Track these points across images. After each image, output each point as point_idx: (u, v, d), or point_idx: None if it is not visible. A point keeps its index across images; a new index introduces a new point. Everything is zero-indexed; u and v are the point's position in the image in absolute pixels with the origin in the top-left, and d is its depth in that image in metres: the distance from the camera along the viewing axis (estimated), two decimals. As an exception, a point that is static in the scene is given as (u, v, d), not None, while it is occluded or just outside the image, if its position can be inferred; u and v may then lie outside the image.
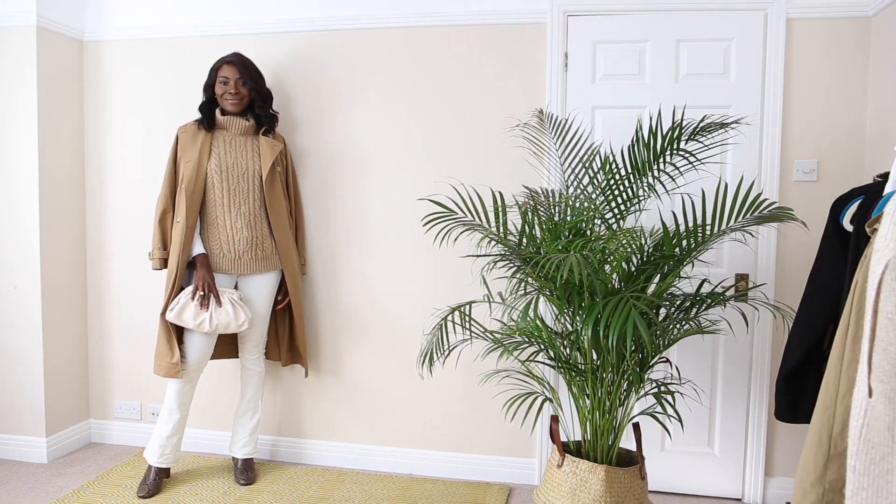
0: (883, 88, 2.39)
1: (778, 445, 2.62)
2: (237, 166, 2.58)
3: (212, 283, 2.51)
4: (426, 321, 2.84)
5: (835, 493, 1.46)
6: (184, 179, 2.53)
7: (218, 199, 2.56)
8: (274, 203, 2.64)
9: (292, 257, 2.71)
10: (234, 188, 2.57)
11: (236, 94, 2.56)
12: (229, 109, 2.59)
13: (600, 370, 2.05)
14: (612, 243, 1.87)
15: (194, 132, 2.60)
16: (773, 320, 2.59)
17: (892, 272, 0.78)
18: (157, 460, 2.59)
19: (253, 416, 2.77)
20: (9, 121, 2.85)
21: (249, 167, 2.60)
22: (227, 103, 2.58)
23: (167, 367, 2.50)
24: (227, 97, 2.56)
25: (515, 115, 2.71)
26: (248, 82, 2.58)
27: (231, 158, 2.58)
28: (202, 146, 2.56)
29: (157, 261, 2.61)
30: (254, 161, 2.61)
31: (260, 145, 2.63)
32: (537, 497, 2.13)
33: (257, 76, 2.63)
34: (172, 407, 2.57)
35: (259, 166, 2.61)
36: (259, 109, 2.62)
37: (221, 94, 2.57)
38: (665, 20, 2.59)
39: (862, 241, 1.77)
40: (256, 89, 2.60)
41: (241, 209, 2.58)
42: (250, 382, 2.77)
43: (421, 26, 2.77)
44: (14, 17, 2.80)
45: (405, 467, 2.90)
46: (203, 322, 2.48)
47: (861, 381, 0.82)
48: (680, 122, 2.00)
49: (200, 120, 2.62)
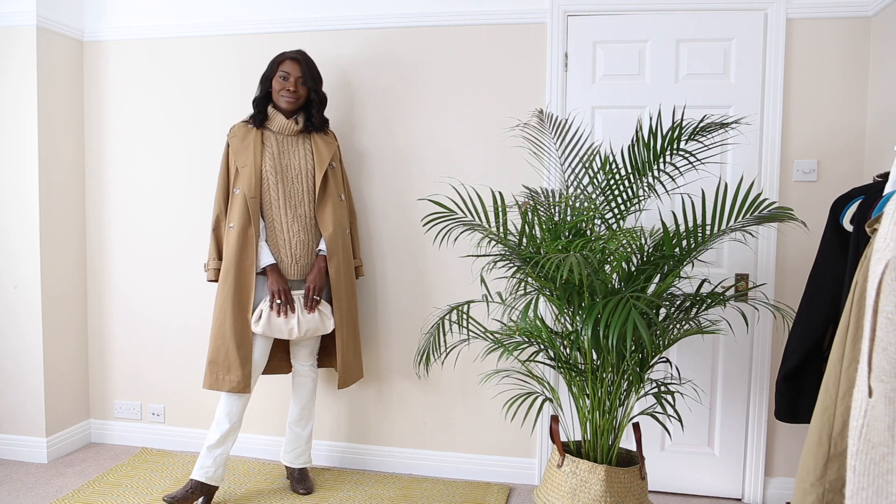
0: (883, 88, 2.39)
1: (778, 445, 2.62)
2: (291, 167, 2.47)
3: (287, 290, 2.42)
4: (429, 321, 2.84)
5: (835, 493, 1.46)
6: (241, 185, 2.42)
7: (274, 202, 2.45)
8: (327, 204, 2.51)
9: (338, 256, 2.53)
10: (290, 190, 2.46)
11: (294, 92, 2.45)
12: (283, 107, 2.47)
13: (600, 370, 2.05)
14: (612, 243, 1.87)
15: (244, 133, 2.49)
16: (773, 320, 2.59)
17: (892, 272, 0.78)
18: (195, 472, 2.44)
19: (307, 425, 2.66)
20: (9, 120, 2.85)
21: (303, 167, 2.49)
22: (282, 100, 2.46)
23: (232, 382, 2.37)
24: (285, 94, 2.45)
25: (515, 114, 2.71)
26: (308, 82, 2.48)
27: (286, 159, 2.47)
28: (255, 147, 2.45)
29: (211, 272, 2.51)
30: (307, 161, 2.50)
31: (314, 144, 2.52)
32: (537, 497, 2.13)
33: (318, 78, 2.53)
34: (221, 417, 2.42)
35: (313, 166, 2.50)
36: (315, 111, 2.51)
37: (279, 89, 2.45)
38: (665, 20, 2.59)
39: (862, 241, 1.77)
40: (316, 90, 2.51)
41: (297, 212, 2.47)
42: (304, 389, 2.64)
43: (421, 26, 2.76)
44: (14, 17, 2.80)
45: (405, 467, 2.90)
46: (293, 329, 2.42)
47: (861, 381, 0.82)
48: (680, 122, 2.00)
49: (251, 117, 2.51)
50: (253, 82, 2.90)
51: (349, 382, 2.60)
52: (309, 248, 2.50)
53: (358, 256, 2.74)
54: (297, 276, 2.49)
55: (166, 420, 3.11)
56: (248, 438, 3.03)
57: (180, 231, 3.03)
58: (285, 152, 2.48)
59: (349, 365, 2.59)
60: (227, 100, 2.95)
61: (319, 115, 2.54)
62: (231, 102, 2.94)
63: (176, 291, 3.05)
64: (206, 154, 2.98)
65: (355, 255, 2.72)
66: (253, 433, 3.03)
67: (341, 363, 2.55)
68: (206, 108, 2.97)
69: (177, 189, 3.02)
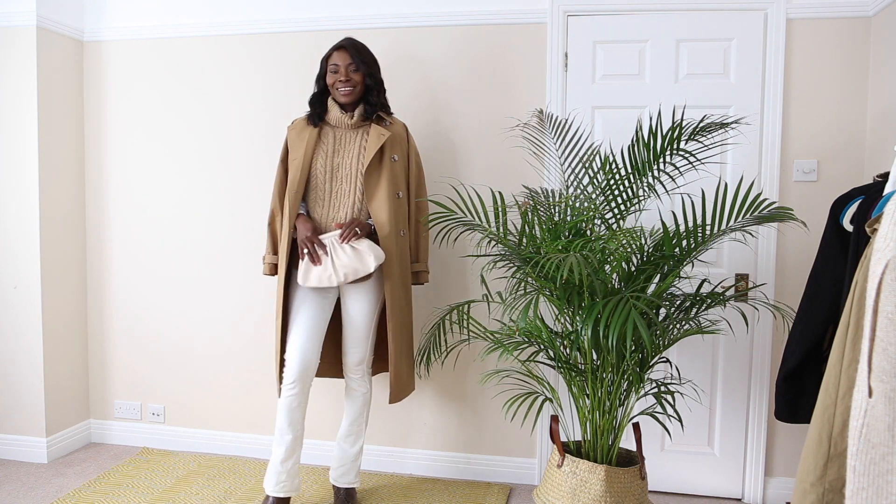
0: (883, 88, 2.39)
1: (778, 445, 2.62)
2: (343, 166, 2.32)
3: (312, 237, 2.24)
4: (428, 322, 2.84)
5: (835, 493, 1.46)
6: (289, 179, 2.33)
7: (319, 200, 2.32)
8: (376, 199, 2.30)
9: (393, 259, 2.32)
10: (337, 189, 2.32)
11: (347, 81, 2.28)
12: (341, 100, 2.31)
13: (600, 370, 2.05)
14: (612, 243, 1.87)
15: (301, 128, 2.37)
16: (773, 320, 2.59)
17: (892, 272, 0.78)
18: (272, 489, 2.31)
19: (356, 442, 2.47)
20: (9, 120, 2.85)
21: (354, 164, 2.31)
22: (338, 93, 2.31)
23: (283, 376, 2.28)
24: (339, 86, 2.30)
25: (515, 115, 2.71)
26: (360, 67, 2.30)
27: (339, 156, 2.32)
28: (308, 144, 2.32)
29: (267, 266, 2.45)
30: (360, 155, 2.32)
31: (369, 135, 2.33)
32: (537, 497, 2.13)
33: (371, 61, 2.35)
34: (283, 426, 2.29)
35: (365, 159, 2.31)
36: (373, 97, 2.34)
37: (332, 83, 2.31)
38: (665, 20, 2.59)
39: (862, 241, 1.77)
40: (371, 75, 2.33)
41: (339, 212, 2.30)
42: (354, 404, 2.45)
43: (420, 26, 2.77)
44: (14, 17, 2.80)
45: (405, 467, 2.90)
46: (330, 275, 2.21)
47: (861, 381, 0.82)
48: (680, 122, 2.00)
49: (310, 114, 2.39)
50: (256, 82, 2.91)
51: (401, 396, 2.41)
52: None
53: (422, 260, 2.53)
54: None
55: (166, 420, 3.11)
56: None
57: (180, 230, 3.03)
58: (340, 149, 2.33)
59: (402, 377, 2.40)
60: (229, 99, 2.95)
61: (378, 98, 2.35)
62: (232, 102, 2.94)
63: (176, 291, 3.05)
64: (206, 154, 2.98)
65: (418, 258, 2.52)
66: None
67: (394, 375, 2.36)
68: (206, 108, 2.97)
69: (177, 189, 3.02)
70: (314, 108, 2.38)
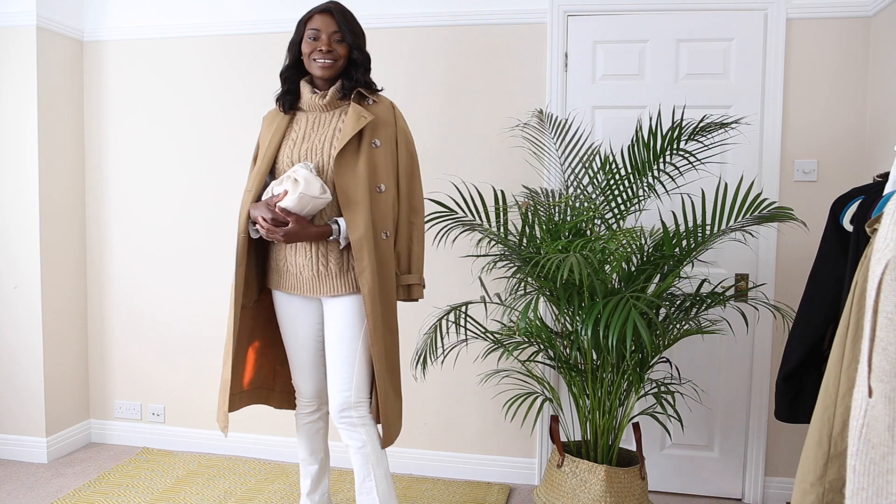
0: (883, 88, 2.39)
1: (778, 445, 2.62)
2: (312, 153, 1.88)
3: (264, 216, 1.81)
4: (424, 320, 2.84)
5: (835, 493, 1.46)
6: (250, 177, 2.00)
7: None
8: (349, 194, 1.83)
9: (370, 268, 1.82)
10: None
11: (329, 52, 1.86)
12: (316, 73, 1.90)
13: (600, 370, 2.05)
14: (612, 243, 1.87)
15: (272, 118, 2.01)
16: (773, 320, 2.59)
17: (892, 272, 0.78)
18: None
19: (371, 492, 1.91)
20: (9, 120, 2.85)
21: (326, 150, 1.87)
22: (315, 65, 1.89)
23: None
24: (317, 56, 1.87)
25: (515, 115, 2.71)
26: (346, 37, 1.88)
27: (308, 142, 1.90)
28: (275, 133, 1.94)
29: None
30: (334, 140, 1.88)
31: (347, 117, 1.89)
32: (537, 497, 2.13)
33: (360, 32, 1.94)
34: (304, 456, 2.11)
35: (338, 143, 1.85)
36: (357, 73, 1.91)
37: (309, 52, 1.89)
38: (665, 20, 2.59)
39: (862, 241, 1.77)
40: (359, 48, 1.91)
41: None
42: (354, 461, 1.92)
43: (420, 26, 2.77)
44: (14, 18, 2.80)
45: (405, 467, 2.90)
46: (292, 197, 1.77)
47: (861, 381, 0.82)
48: (680, 122, 2.00)
49: (279, 98, 2.00)
50: (255, 83, 2.91)
51: (392, 439, 1.94)
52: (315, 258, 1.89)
53: (415, 270, 2.01)
54: (302, 291, 1.94)
55: (166, 420, 3.11)
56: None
57: (180, 230, 3.03)
58: (312, 133, 1.91)
59: (392, 419, 1.93)
60: (229, 100, 2.94)
61: (361, 75, 1.92)
62: (232, 102, 2.94)
63: (176, 291, 3.05)
64: (205, 154, 2.98)
65: (411, 268, 2.00)
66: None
67: (384, 419, 1.89)
68: (207, 108, 2.97)
69: (176, 188, 3.02)
70: (285, 87, 1.98)
